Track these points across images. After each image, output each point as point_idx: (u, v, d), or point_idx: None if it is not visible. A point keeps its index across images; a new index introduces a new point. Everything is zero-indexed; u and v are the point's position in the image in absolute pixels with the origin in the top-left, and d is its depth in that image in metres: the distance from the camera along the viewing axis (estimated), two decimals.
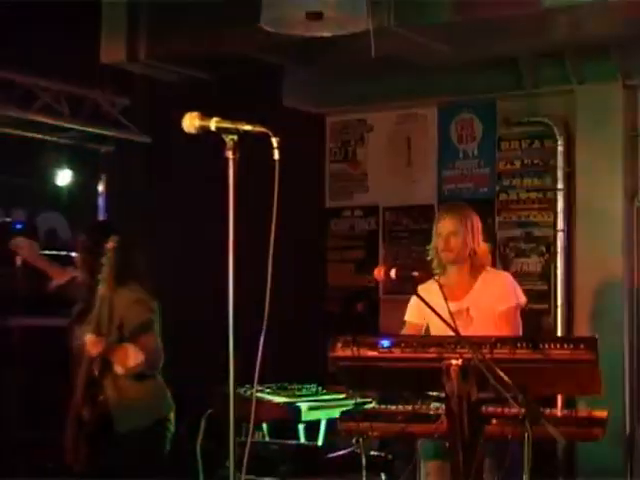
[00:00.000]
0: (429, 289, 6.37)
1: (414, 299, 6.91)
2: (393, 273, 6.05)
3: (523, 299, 6.88)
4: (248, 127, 4.31)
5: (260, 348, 4.16)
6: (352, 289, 10.73)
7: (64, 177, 8.90)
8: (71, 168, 8.90)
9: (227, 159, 4.33)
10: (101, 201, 8.96)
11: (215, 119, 4.36)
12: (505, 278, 7.08)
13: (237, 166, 4.27)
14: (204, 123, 4.25)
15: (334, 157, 10.92)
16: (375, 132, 10.83)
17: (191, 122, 4.28)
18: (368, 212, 10.84)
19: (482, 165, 10.37)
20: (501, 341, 6.18)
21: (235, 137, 4.34)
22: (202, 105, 4.66)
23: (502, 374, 5.48)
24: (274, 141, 4.25)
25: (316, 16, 6.85)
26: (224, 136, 4.36)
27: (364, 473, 7.08)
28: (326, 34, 7.10)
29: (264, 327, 4.17)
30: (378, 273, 6.15)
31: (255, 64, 9.51)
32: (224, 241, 4.50)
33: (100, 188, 8.99)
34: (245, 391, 6.62)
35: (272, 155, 4.20)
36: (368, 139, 10.86)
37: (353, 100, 10.63)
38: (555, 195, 9.85)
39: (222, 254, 4.54)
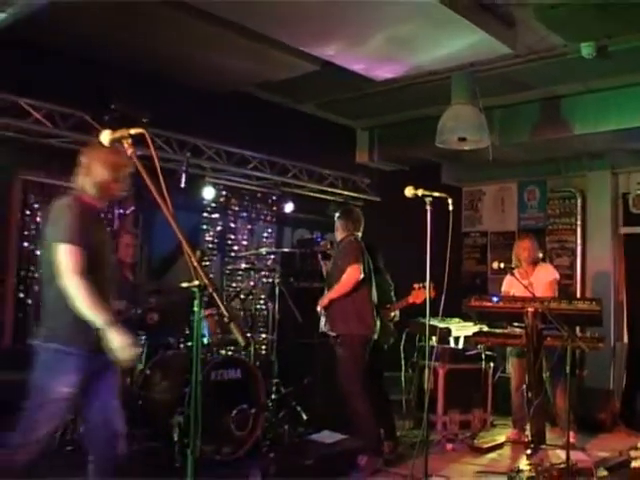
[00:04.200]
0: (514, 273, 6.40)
1: (508, 277, 6.88)
2: (502, 265, 6.01)
3: (558, 276, 6.86)
4: (437, 194, 4.27)
5: (442, 303, 4.18)
6: (475, 273, 10.55)
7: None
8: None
9: (426, 210, 4.31)
10: None
11: (421, 189, 4.33)
12: (549, 266, 7.12)
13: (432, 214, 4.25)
14: (416, 192, 4.23)
15: (466, 208, 10.70)
16: (486, 195, 10.59)
17: (409, 191, 4.26)
18: (482, 234, 10.60)
19: (539, 212, 10.05)
20: (552, 299, 6.11)
21: (431, 199, 4.30)
22: (405, 183, 4.62)
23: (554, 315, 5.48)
24: (450, 201, 4.22)
25: (463, 139, 6.82)
26: (426, 199, 4.34)
27: (483, 362, 7.01)
28: (467, 148, 7.05)
29: (444, 292, 4.19)
30: (495, 265, 6.12)
31: (430, 161, 9.50)
32: (422, 252, 4.47)
33: None
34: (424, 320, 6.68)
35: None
36: (483, 199, 10.64)
37: (476, 180, 10.47)
38: (576, 227, 9.53)
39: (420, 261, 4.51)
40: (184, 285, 2.71)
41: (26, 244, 6.87)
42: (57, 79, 6.35)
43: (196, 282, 2.66)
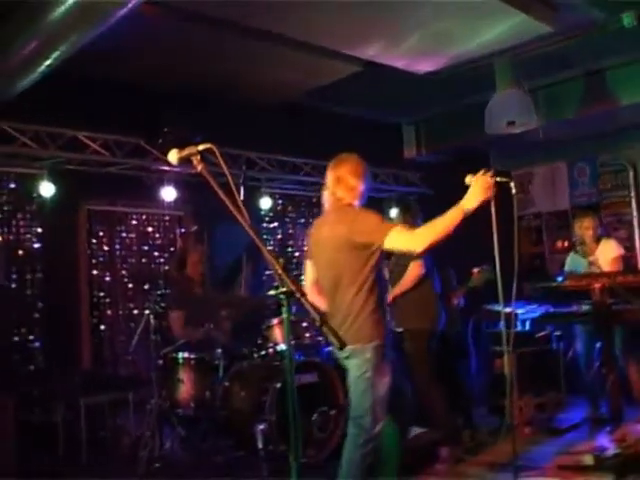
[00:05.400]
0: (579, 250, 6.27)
1: (570, 256, 6.75)
2: (566, 244, 5.90)
3: (622, 251, 6.60)
4: (499, 178, 4.05)
5: (514, 284, 4.00)
6: (532, 254, 10.17)
7: (393, 212, 8.89)
8: (396, 207, 8.86)
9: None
10: None
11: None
12: (613, 242, 6.83)
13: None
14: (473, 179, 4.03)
15: (517, 191, 10.43)
16: (536, 177, 10.31)
17: (469, 179, 4.06)
18: (536, 216, 10.29)
19: (591, 188, 9.76)
20: (619, 273, 5.96)
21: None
22: (455, 173, 4.45)
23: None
24: (512, 184, 4.06)
25: (512, 123, 6.71)
26: None
27: (553, 343, 6.90)
28: (516, 131, 6.92)
29: (515, 270, 4.01)
30: (559, 244, 6.01)
31: (477, 149, 9.34)
32: (479, 239, 4.32)
33: None
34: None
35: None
36: (533, 181, 10.37)
37: (524, 163, 10.20)
38: (630, 199, 9.31)
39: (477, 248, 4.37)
40: (271, 293, 2.70)
41: (95, 272, 7.02)
42: (108, 109, 6.45)
43: (283, 289, 2.64)
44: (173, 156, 2.94)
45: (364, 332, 3.90)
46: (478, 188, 3.88)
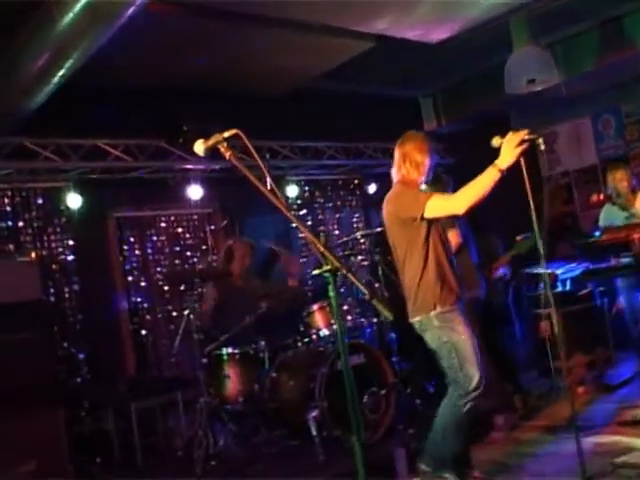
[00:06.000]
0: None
1: (605, 209, 6.63)
2: (602, 197, 5.78)
3: None
4: (527, 137, 3.95)
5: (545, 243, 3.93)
6: (564, 213, 10.00)
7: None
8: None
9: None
10: None
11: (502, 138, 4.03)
12: None
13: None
14: (501, 141, 3.96)
15: (543, 150, 10.31)
16: (561, 135, 10.06)
17: (496, 141, 3.98)
18: (564, 175, 10.10)
19: (617, 139, 9.55)
20: None
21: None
22: (476, 140, 4.36)
23: None
24: (540, 140, 3.96)
25: (532, 81, 6.59)
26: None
27: (597, 300, 6.80)
28: (537, 88, 6.79)
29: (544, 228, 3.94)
30: (594, 197, 5.89)
31: (497, 113, 9.16)
32: (509, 204, 4.24)
33: None
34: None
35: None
36: (559, 138, 10.10)
37: (547, 122, 9.90)
38: None
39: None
40: (316, 272, 2.64)
41: (130, 278, 7.04)
42: (124, 114, 6.45)
43: (327, 267, 2.58)
44: (199, 147, 2.89)
45: (427, 302, 4.04)
46: (509, 146, 3.87)
